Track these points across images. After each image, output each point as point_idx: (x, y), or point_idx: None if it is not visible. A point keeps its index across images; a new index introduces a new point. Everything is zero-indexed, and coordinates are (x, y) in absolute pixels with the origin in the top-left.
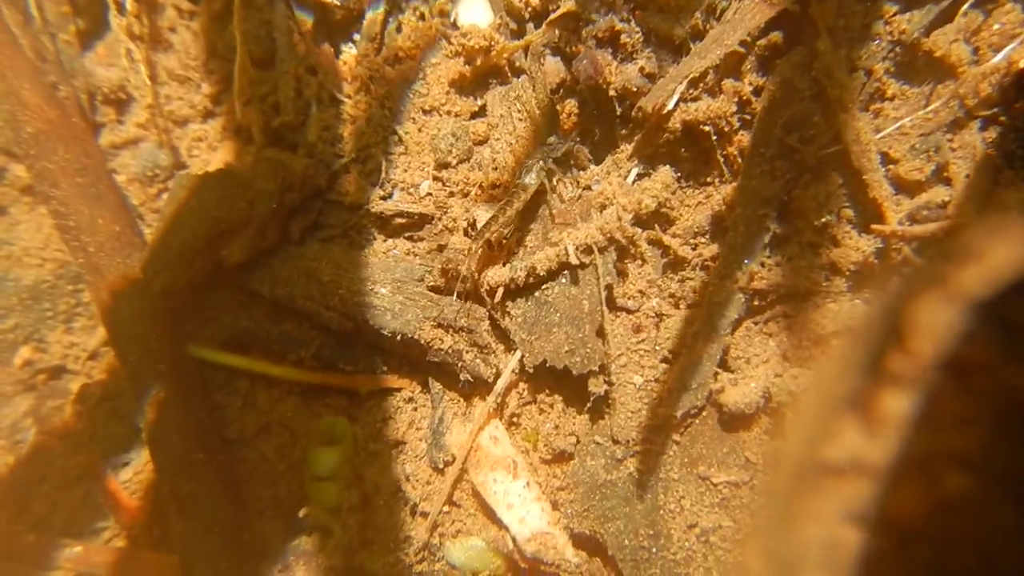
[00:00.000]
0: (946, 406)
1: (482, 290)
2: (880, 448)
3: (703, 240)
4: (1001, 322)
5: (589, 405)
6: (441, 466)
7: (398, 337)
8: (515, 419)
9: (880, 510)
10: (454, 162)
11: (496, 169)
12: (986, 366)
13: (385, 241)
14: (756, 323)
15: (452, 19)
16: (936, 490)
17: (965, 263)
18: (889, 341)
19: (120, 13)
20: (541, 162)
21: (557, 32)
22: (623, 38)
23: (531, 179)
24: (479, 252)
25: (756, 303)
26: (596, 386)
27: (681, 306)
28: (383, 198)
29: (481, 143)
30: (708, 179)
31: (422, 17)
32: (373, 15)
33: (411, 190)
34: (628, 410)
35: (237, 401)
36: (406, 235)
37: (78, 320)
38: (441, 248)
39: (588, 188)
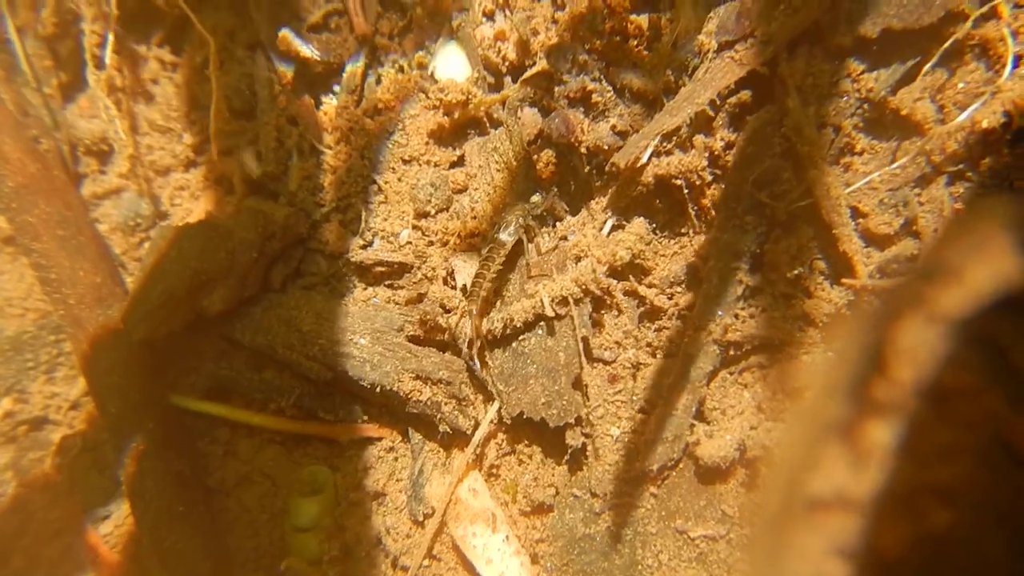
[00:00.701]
0: (929, 436)
1: (460, 341)
2: (865, 481)
3: (679, 290)
4: (983, 344)
5: (567, 457)
6: (421, 519)
7: (377, 388)
8: (494, 470)
9: (865, 543)
10: (433, 211)
11: (475, 218)
12: (969, 393)
13: (365, 289)
14: (731, 373)
15: (430, 72)
16: (921, 525)
17: (945, 282)
18: (871, 366)
19: (99, 67)
20: (520, 219)
21: (531, 90)
22: (595, 97)
23: (508, 235)
24: (476, 313)
25: (731, 353)
26: (574, 438)
27: (658, 355)
28: (363, 247)
29: (460, 192)
30: (683, 230)
31: (401, 70)
32: (353, 68)
33: (391, 239)
34: (606, 463)
35: (219, 450)
36: (386, 283)
37: (60, 370)
38: (420, 297)
39: (564, 238)
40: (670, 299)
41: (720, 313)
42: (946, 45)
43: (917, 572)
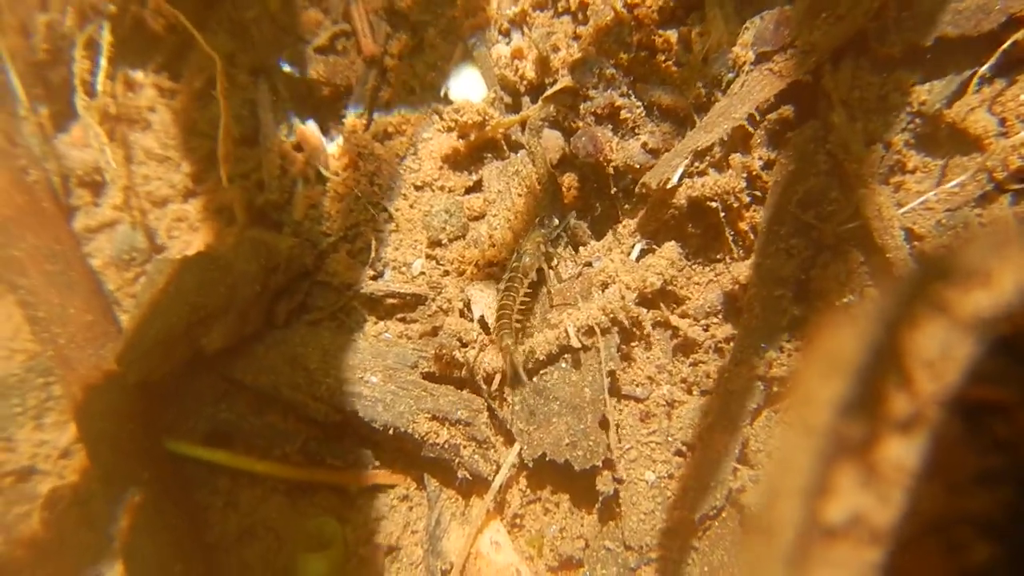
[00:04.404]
0: (961, 459)
1: (478, 377)
2: (887, 507)
3: (715, 320)
4: (1012, 353)
5: (598, 505)
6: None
7: (390, 431)
8: (518, 520)
9: None
10: (447, 239)
11: (494, 246)
12: (1002, 409)
13: (376, 323)
14: (776, 412)
15: (444, 93)
16: (959, 560)
17: (970, 285)
18: (886, 376)
19: (90, 95)
20: (539, 244)
21: (554, 108)
22: (624, 113)
23: (527, 262)
24: (515, 347)
25: (776, 390)
26: (604, 484)
27: (694, 392)
28: (373, 278)
29: (477, 219)
30: (718, 255)
31: (412, 92)
32: (361, 91)
33: (403, 269)
34: (640, 511)
35: (218, 501)
36: (398, 316)
37: (49, 415)
38: (435, 330)
39: (589, 265)
40: (705, 330)
41: (763, 346)
42: (1004, 46)
43: None
